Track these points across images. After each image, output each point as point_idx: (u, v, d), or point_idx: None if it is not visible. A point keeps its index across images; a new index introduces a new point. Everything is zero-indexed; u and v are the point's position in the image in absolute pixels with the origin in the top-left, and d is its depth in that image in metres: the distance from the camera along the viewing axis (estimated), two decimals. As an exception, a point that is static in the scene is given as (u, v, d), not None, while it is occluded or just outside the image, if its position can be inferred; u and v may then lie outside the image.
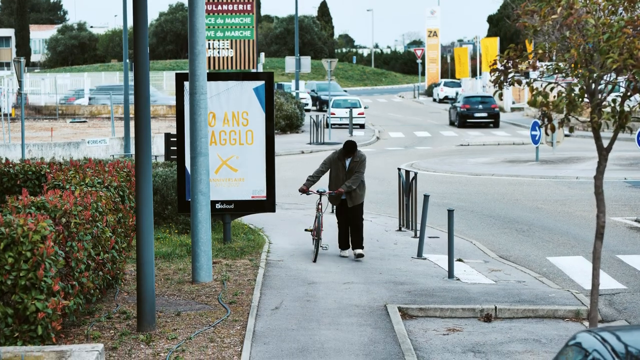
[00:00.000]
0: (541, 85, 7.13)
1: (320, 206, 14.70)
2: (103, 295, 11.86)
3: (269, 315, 11.40)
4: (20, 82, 21.06)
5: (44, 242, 8.61)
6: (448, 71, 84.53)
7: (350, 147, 14.75)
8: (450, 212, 13.81)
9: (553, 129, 6.92)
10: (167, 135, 20.65)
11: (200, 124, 13.02)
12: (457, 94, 61.34)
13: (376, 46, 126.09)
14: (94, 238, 10.68)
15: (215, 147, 14.95)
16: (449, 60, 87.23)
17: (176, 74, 15.47)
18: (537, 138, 28.90)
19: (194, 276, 12.96)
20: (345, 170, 14.71)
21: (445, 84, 67.81)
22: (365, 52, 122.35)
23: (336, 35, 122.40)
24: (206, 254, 12.97)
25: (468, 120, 45.55)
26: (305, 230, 15.14)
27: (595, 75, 6.72)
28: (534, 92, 7.26)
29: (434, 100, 68.31)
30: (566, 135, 36.08)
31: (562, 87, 7.03)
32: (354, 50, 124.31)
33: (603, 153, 7.12)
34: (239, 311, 11.44)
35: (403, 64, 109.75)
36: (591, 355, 5.32)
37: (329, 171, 14.96)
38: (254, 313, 11.32)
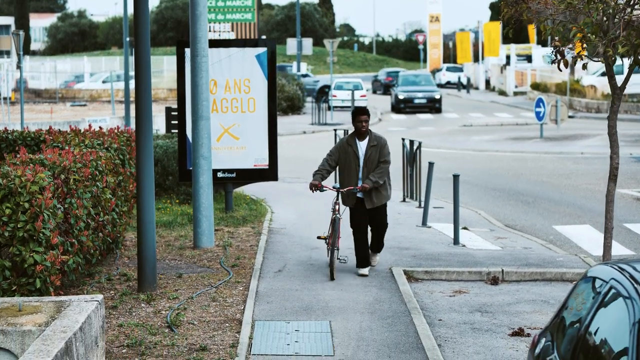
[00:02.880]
0: (553, 22, 6.91)
1: (337, 207, 11.20)
2: (103, 258, 11.67)
3: (272, 277, 11.21)
4: (19, 56, 20.80)
5: (42, 193, 8.41)
6: (450, 57, 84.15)
7: (360, 111, 11.13)
8: (456, 177, 13.61)
9: (566, 65, 6.71)
10: (168, 109, 20.41)
11: (202, 87, 12.80)
12: (459, 78, 61.10)
13: (377, 35, 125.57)
14: (93, 197, 10.48)
15: (217, 114, 14.73)
16: (450, 46, 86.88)
17: (177, 40, 15.25)
18: (541, 115, 28.64)
19: (196, 242, 12.77)
20: (358, 160, 11.04)
21: (448, 69, 67.51)
22: (367, 41, 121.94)
23: (337, 24, 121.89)
24: (208, 220, 12.77)
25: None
26: (319, 237, 11.50)
27: (610, 10, 6.49)
28: (546, 30, 7.04)
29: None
30: (570, 117, 35.88)
31: (575, 26, 6.81)
32: (356, 38, 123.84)
33: (617, 92, 6.90)
34: (242, 274, 11.25)
35: (405, 51, 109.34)
36: (608, 284, 5.12)
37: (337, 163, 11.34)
38: (256, 275, 11.13)
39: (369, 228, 11.42)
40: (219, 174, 14.86)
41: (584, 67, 7.11)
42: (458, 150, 26.78)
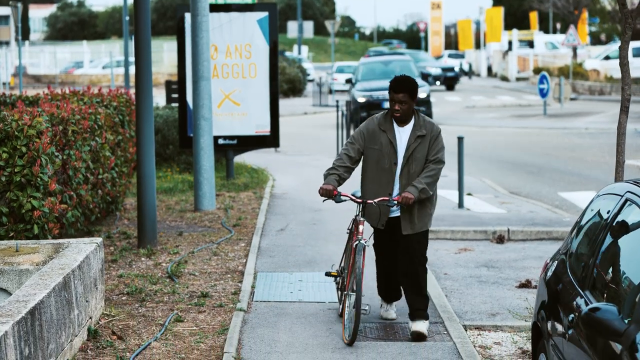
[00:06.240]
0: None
1: (358, 228, 7.18)
2: (102, 218, 11.49)
3: (275, 235, 11.04)
4: (17, 28, 20.57)
5: (39, 137, 8.22)
6: (452, 44, 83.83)
7: (399, 84, 7.18)
8: (460, 140, 13.41)
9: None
10: (168, 83, 20.25)
11: (202, 47, 12.60)
12: (460, 64, 60.86)
13: (378, 28, 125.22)
14: (92, 152, 10.30)
15: (218, 80, 14.53)
16: (452, 34, 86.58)
17: (177, 6, 15.05)
18: (544, 91, 28.41)
19: (197, 205, 12.58)
20: (395, 155, 7.19)
21: (449, 56, 67.18)
22: (367, 31, 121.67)
23: (337, 15, 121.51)
24: (209, 182, 12.59)
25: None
26: (327, 274, 7.74)
27: None
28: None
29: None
30: (572, 99, 35.67)
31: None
32: (356, 29, 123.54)
33: (629, 22, 6.71)
34: (243, 232, 11.08)
35: (406, 40, 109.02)
36: (624, 197, 4.94)
37: (362, 158, 7.40)
38: (259, 233, 10.96)
39: (400, 267, 7.39)
40: (220, 141, 14.67)
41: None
42: (461, 127, 26.54)
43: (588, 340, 4.49)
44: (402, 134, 7.26)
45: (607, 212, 5.05)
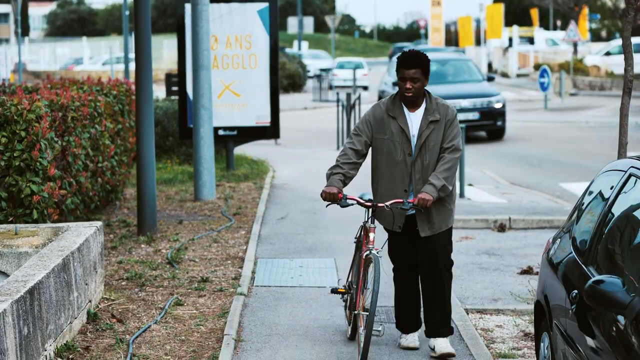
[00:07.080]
0: None
1: (368, 236, 6.36)
2: (102, 207, 11.45)
3: (275, 223, 11.01)
4: (16, 22, 20.51)
5: (39, 122, 8.18)
6: (452, 41, 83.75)
7: (410, 59, 6.24)
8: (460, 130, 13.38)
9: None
10: (168, 75, 20.22)
11: (202, 37, 12.56)
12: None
13: (378, 26, 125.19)
14: (92, 139, 10.26)
15: (218, 71, 14.47)
16: (452, 30, 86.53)
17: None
18: (545, 85, 28.34)
19: (197, 194, 12.54)
20: (409, 145, 6.30)
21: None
22: (367, 29, 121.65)
23: (337, 13, 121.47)
24: (209, 172, 12.54)
25: None
26: (334, 291, 6.81)
27: None
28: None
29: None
30: (572, 94, 35.61)
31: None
32: (356, 27, 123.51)
33: (631, 2, 6.67)
34: (244, 221, 11.04)
35: (406, 38, 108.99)
36: (627, 172, 4.90)
37: (369, 152, 6.51)
38: (259, 221, 10.93)
39: (420, 277, 6.55)
40: (220, 132, 14.61)
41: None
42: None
43: (592, 315, 4.45)
44: (414, 120, 6.29)
45: (611, 188, 5.01)
